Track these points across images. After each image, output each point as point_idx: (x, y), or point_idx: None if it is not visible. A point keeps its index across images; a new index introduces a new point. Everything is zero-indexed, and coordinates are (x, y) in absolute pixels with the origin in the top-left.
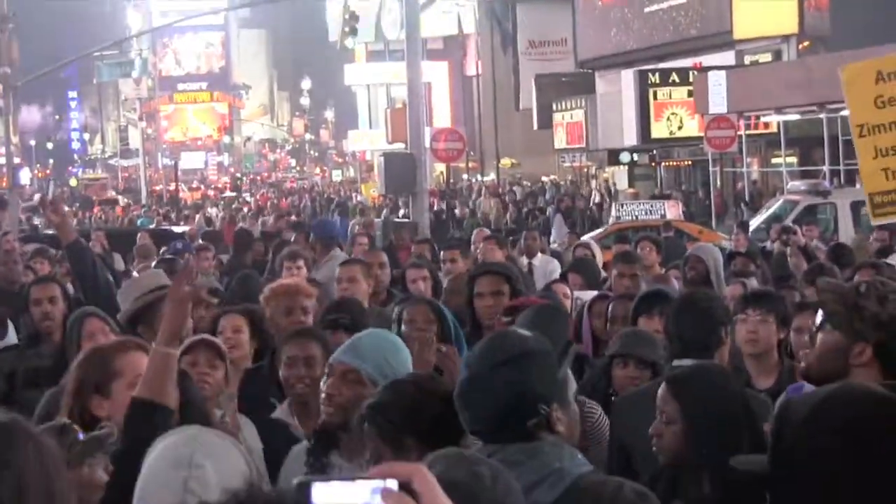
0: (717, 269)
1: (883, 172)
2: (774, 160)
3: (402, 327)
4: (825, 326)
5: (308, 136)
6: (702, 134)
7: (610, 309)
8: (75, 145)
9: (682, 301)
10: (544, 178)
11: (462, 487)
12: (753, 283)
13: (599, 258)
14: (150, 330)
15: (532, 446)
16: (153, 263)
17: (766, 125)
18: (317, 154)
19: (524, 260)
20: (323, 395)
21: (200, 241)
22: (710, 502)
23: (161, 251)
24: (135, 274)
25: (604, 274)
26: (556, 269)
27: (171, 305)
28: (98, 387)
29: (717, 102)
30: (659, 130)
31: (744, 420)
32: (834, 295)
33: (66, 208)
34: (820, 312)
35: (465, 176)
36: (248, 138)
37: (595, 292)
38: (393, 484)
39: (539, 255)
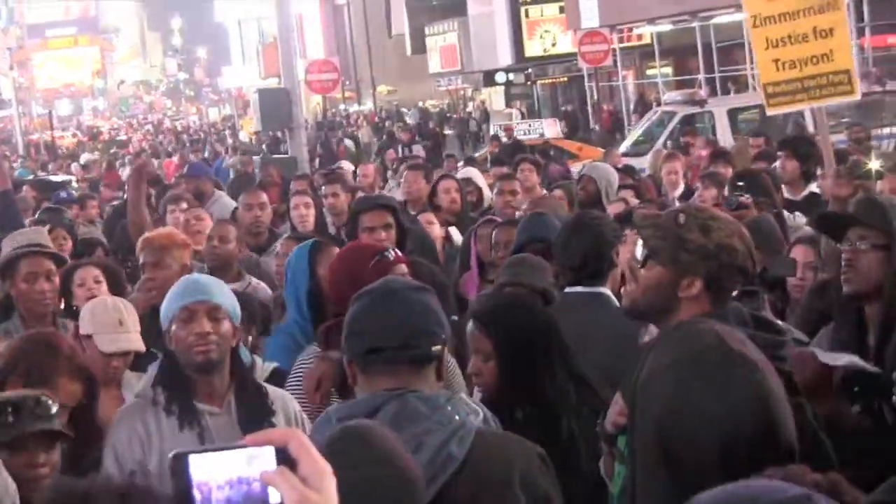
0: (609, 189)
1: (774, 63)
2: (650, 72)
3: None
4: (647, 262)
5: (182, 76)
6: (575, 50)
7: (494, 235)
8: None
9: (570, 226)
10: (420, 104)
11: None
12: (635, 200)
13: (482, 182)
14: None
15: (430, 399)
16: (37, 215)
17: (640, 37)
18: (193, 93)
19: None
20: (193, 337)
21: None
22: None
23: (41, 202)
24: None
25: (489, 195)
26: None
27: None
28: None
29: (589, 17)
30: (533, 48)
31: (554, 346)
32: (654, 229)
33: None
34: (639, 247)
35: (342, 106)
36: (122, 81)
37: None
38: (269, 451)
39: None
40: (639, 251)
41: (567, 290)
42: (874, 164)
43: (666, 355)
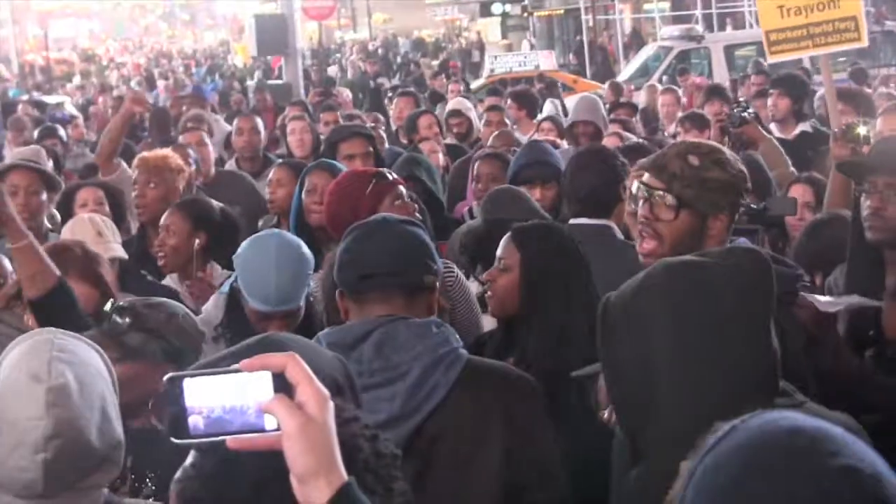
0: (606, 122)
1: (779, 10)
2: (647, 6)
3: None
4: (679, 214)
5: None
6: None
7: (476, 167)
8: None
9: (578, 158)
10: (415, 33)
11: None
12: (629, 135)
13: (474, 115)
14: None
15: (420, 325)
16: (35, 134)
17: None
18: (189, 17)
19: None
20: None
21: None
22: (537, 354)
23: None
24: (15, 149)
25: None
26: None
27: None
28: None
29: None
30: None
31: (579, 281)
32: (677, 181)
33: None
34: (665, 204)
35: (337, 33)
36: (119, 3)
37: None
38: (266, 376)
39: None
40: (663, 209)
41: (572, 221)
42: (862, 130)
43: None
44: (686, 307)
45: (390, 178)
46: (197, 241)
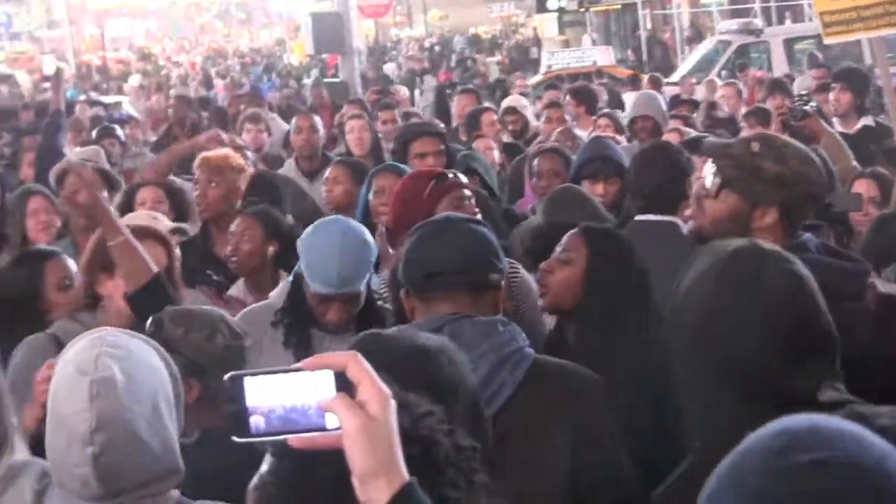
0: (666, 117)
1: None
2: (704, 0)
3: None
4: (721, 192)
5: None
6: None
7: (536, 163)
8: (1, 18)
9: (644, 155)
10: (471, 30)
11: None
12: (689, 130)
13: (530, 111)
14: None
15: (486, 324)
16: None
17: None
18: (245, 16)
19: None
20: (327, 317)
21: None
22: (585, 350)
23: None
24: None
25: (535, 123)
26: None
27: (86, 212)
28: (105, 265)
29: None
30: None
31: (637, 286)
32: (728, 158)
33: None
34: (711, 177)
35: (393, 31)
36: (175, 1)
37: None
38: (328, 375)
39: None
40: (708, 181)
41: (637, 217)
42: None
43: (695, 269)
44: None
45: (451, 178)
46: (271, 248)
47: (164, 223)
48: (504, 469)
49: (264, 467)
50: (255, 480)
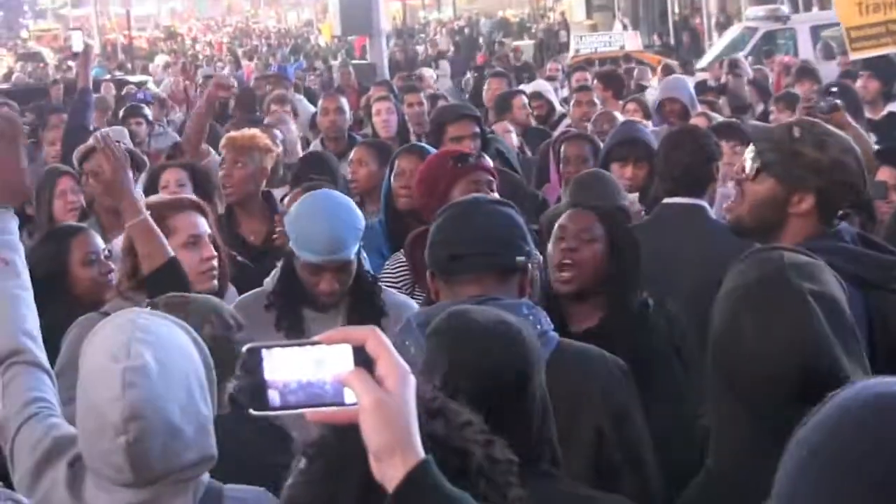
0: (694, 101)
1: (857, 6)
2: None
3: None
4: (759, 175)
5: None
6: None
7: (563, 148)
8: None
9: (672, 137)
10: (500, 13)
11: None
12: (716, 115)
13: (554, 97)
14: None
15: (511, 307)
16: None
17: None
18: None
19: None
20: (320, 288)
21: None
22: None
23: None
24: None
25: (561, 110)
26: None
27: (108, 188)
28: None
29: None
30: None
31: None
32: (768, 143)
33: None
34: (750, 161)
35: (421, 13)
36: None
37: None
38: (346, 350)
39: None
40: (747, 164)
41: (665, 200)
42: None
43: (730, 281)
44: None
45: (471, 161)
46: None
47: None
48: None
49: (299, 466)
50: (290, 479)
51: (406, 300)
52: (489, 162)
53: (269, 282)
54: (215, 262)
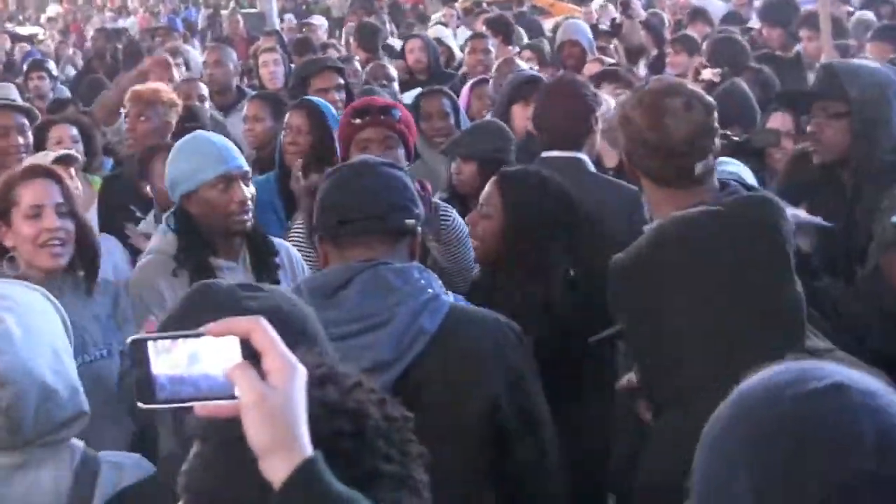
0: (593, 45)
1: None
2: None
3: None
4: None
5: None
6: None
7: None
8: None
9: (548, 90)
10: None
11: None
12: (610, 60)
13: (452, 42)
14: None
15: (402, 270)
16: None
17: None
18: None
19: None
20: (235, 205)
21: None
22: (525, 304)
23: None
24: None
25: (460, 55)
26: None
27: None
28: (2, 215)
29: None
30: None
31: (563, 224)
32: None
33: None
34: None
35: None
36: None
37: None
38: (234, 341)
39: None
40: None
41: (543, 154)
42: None
43: None
44: (704, 257)
45: (368, 118)
46: None
47: (51, 156)
48: (423, 416)
49: (193, 450)
50: (185, 465)
51: (282, 242)
52: (398, 115)
53: (156, 247)
54: (61, 234)
